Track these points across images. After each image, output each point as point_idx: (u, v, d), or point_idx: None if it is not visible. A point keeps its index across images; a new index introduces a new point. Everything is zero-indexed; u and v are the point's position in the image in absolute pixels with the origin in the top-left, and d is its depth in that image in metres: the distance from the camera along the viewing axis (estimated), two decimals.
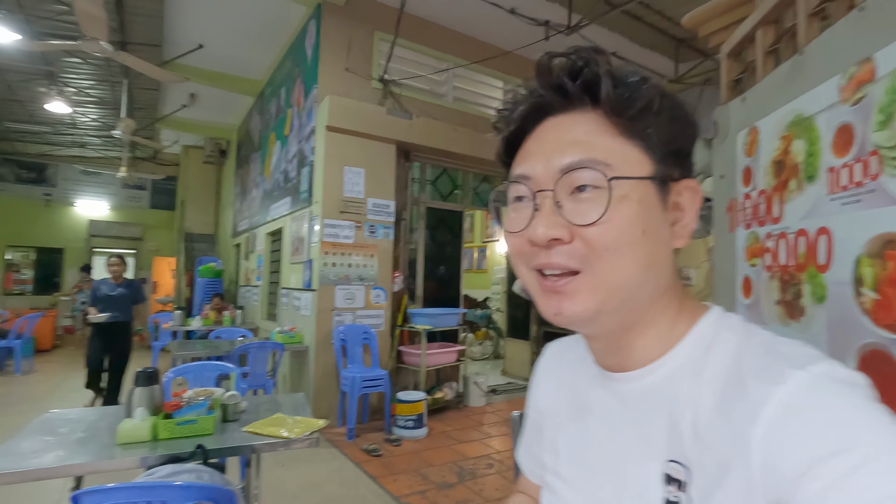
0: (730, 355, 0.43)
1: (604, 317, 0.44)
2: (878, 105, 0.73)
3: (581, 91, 0.44)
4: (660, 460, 0.44)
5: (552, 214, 0.43)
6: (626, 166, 0.43)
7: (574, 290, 0.43)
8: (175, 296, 9.13)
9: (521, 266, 0.48)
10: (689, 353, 0.46)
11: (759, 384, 0.38)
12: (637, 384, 0.48)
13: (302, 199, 4.83)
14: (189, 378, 2.74)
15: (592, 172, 0.42)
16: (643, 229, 0.43)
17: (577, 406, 0.55)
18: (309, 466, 3.28)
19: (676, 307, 0.48)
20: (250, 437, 1.71)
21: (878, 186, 0.72)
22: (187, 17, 5.11)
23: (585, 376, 0.55)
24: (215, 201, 9.83)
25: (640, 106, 0.43)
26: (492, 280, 8.79)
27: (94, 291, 4.61)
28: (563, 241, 0.43)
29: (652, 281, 0.45)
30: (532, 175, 0.45)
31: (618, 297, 0.43)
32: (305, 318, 4.51)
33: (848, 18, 0.81)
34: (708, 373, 0.43)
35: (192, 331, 5.71)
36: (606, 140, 0.44)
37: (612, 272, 0.42)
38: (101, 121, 7.69)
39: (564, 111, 0.46)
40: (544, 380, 0.64)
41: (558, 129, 0.46)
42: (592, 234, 0.42)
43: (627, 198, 0.42)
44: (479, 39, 5.39)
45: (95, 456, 1.53)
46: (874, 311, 0.73)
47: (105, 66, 5.71)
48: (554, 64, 0.46)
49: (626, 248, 0.42)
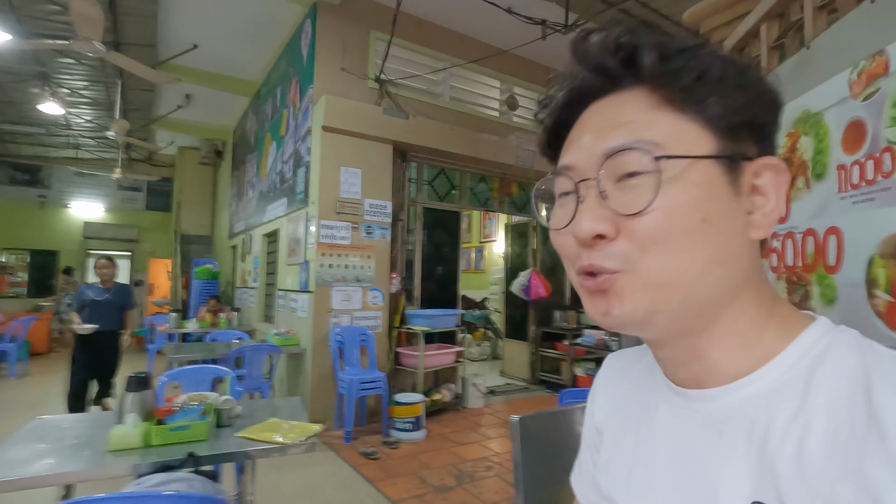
0: (850, 380, 0.34)
1: (662, 318, 0.38)
2: (891, 99, 0.70)
3: (623, 67, 0.39)
4: (743, 499, 0.36)
5: (597, 206, 0.38)
6: (680, 144, 0.37)
7: (620, 288, 0.38)
8: (171, 298, 9.07)
9: (568, 268, 0.43)
10: (790, 372, 0.38)
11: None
12: (717, 404, 0.40)
13: (298, 199, 4.79)
14: (184, 382, 2.70)
15: (639, 154, 0.37)
16: (703, 217, 0.37)
17: (642, 426, 0.48)
18: (306, 470, 3.25)
19: (764, 312, 0.40)
20: (245, 443, 1.67)
21: (893, 184, 0.70)
22: (181, 18, 5.07)
23: (652, 392, 0.49)
24: (211, 203, 9.78)
25: (693, 74, 0.38)
26: (489, 280, 8.77)
27: (80, 297, 4.11)
28: (609, 238, 0.38)
29: (721, 278, 0.38)
30: (574, 164, 0.41)
31: (676, 296, 0.37)
32: (302, 320, 4.47)
33: (859, 10, 0.78)
34: (818, 400, 0.35)
35: (188, 333, 5.66)
36: (656, 116, 0.38)
37: (661, 269, 0.37)
38: (95, 122, 7.63)
39: (609, 93, 0.41)
40: (604, 394, 0.57)
41: (603, 112, 0.41)
42: (639, 224, 0.37)
43: (680, 180, 0.37)
44: (476, 39, 5.36)
45: (86, 464, 1.49)
46: (888, 313, 0.70)
47: (99, 66, 5.66)
48: (590, 41, 0.41)
49: (679, 240, 0.36)
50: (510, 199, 5.88)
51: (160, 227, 10.93)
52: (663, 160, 0.36)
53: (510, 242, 6.72)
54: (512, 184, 5.85)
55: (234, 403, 1.89)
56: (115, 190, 10.48)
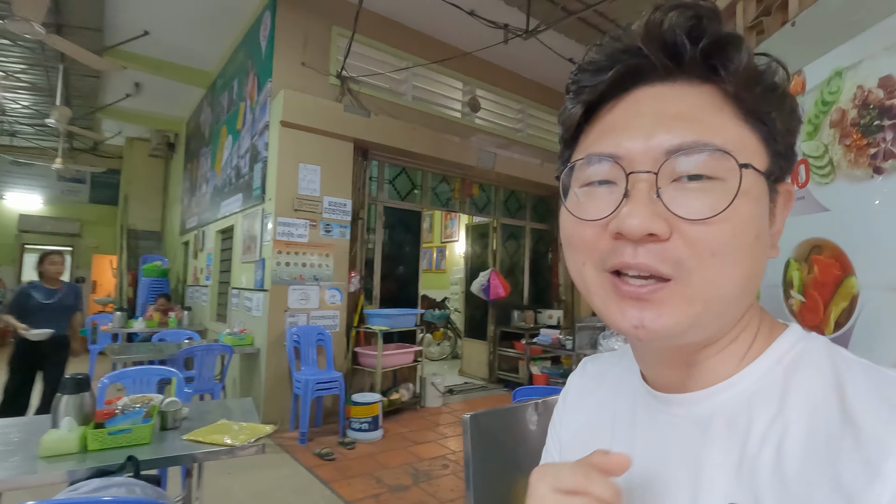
0: (822, 383, 0.35)
1: (694, 332, 0.37)
2: (806, 116, 0.76)
3: (702, 57, 0.36)
4: (719, 499, 0.36)
5: (651, 203, 0.35)
6: (746, 155, 0.35)
7: (662, 299, 0.35)
8: (116, 296, 8.62)
9: (586, 265, 0.39)
10: (767, 375, 0.38)
11: (877, 432, 0.31)
12: (698, 408, 0.40)
13: (254, 195, 4.66)
14: (128, 384, 2.58)
15: (715, 158, 0.35)
16: (757, 233, 0.36)
17: (618, 432, 0.47)
18: (259, 473, 3.17)
19: (757, 323, 0.41)
20: (191, 446, 1.62)
21: (807, 194, 0.76)
22: (132, 2, 4.83)
23: (630, 397, 0.47)
24: (162, 196, 9.36)
25: (767, 84, 0.36)
26: (450, 280, 8.81)
27: (23, 299, 3.62)
28: (660, 238, 0.35)
29: (750, 294, 0.38)
30: (625, 154, 0.36)
31: (714, 310, 0.36)
32: (257, 319, 4.36)
33: (780, 33, 0.85)
34: (795, 403, 0.36)
35: (134, 333, 5.40)
36: (724, 120, 0.36)
37: (713, 282, 0.35)
38: (33, 108, 7.16)
39: (666, 80, 0.38)
40: (581, 401, 0.55)
41: (661, 101, 0.37)
42: (701, 233, 0.34)
43: (748, 194, 0.35)
44: (440, 40, 5.38)
45: (14, 471, 1.41)
46: (801, 312, 0.76)
47: (39, 49, 5.31)
48: (669, 20, 0.36)
49: (735, 254, 0.35)
50: (471, 199, 5.94)
51: (105, 221, 10.36)
52: (747, 169, 0.35)
53: (471, 243, 6.79)
54: (473, 185, 5.91)
55: (179, 405, 1.82)
56: (56, 181, 9.86)
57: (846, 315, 0.68)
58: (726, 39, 0.36)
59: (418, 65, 5.14)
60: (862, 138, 0.66)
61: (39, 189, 9.85)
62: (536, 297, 6.57)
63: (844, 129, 0.69)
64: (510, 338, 5.99)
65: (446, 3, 4.29)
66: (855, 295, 0.67)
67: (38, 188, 9.84)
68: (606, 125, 0.39)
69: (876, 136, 0.64)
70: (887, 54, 0.63)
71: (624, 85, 0.39)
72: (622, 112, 0.39)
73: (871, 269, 0.65)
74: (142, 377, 2.60)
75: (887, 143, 0.62)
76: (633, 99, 0.38)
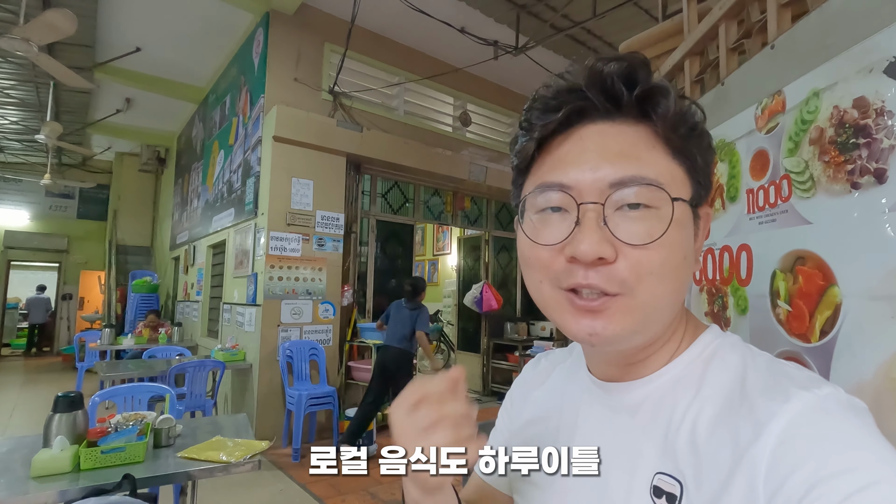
0: (731, 372, 0.42)
1: (637, 337, 0.43)
2: (787, 133, 0.80)
3: (637, 102, 0.42)
4: (649, 472, 0.42)
5: (599, 230, 0.40)
6: (676, 187, 0.42)
7: (611, 311, 0.41)
8: (104, 312, 8.50)
9: (543, 283, 0.44)
10: (688, 367, 0.45)
11: (765, 402, 0.37)
12: (633, 394, 0.47)
13: (247, 210, 4.66)
14: (118, 402, 2.55)
15: (651, 190, 0.40)
16: (684, 254, 0.42)
17: (567, 415, 0.53)
18: (251, 491, 3.13)
19: (684, 325, 0.48)
20: (186, 464, 1.61)
21: (790, 207, 0.79)
22: (124, 19, 4.86)
23: (577, 386, 0.54)
24: (152, 212, 9.30)
25: (690, 125, 0.42)
26: (443, 293, 8.81)
27: None
28: (607, 261, 0.40)
29: (679, 303, 0.45)
30: (575, 185, 0.42)
31: (652, 319, 0.42)
32: (249, 335, 4.33)
33: (762, 54, 0.89)
34: (707, 388, 0.42)
35: (122, 350, 5.32)
36: (656, 156, 0.42)
37: (651, 295, 0.41)
38: (22, 123, 7.11)
39: (607, 119, 0.43)
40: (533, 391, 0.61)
41: (604, 137, 0.43)
42: (641, 256, 0.40)
43: (678, 221, 0.41)
44: (431, 56, 5.47)
45: (5, 491, 1.38)
46: (787, 321, 0.79)
47: (29, 65, 5.30)
48: (609, 69, 0.43)
49: (669, 273, 0.41)
50: (463, 212, 5.98)
51: (94, 236, 10.24)
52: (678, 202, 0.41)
53: (463, 255, 6.81)
54: (465, 198, 5.96)
55: (173, 422, 1.81)
56: (44, 196, 9.74)
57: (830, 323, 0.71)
58: (656, 89, 0.42)
59: (410, 80, 5.21)
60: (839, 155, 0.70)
61: (26, 205, 9.73)
62: (529, 308, 6.59)
63: (823, 146, 0.73)
64: (504, 350, 6.00)
65: (437, 20, 4.37)
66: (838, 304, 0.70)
67: (26, 204, 9.72)
68: (557, 158, 0.44)
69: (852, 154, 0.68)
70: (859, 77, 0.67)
71: (571, 121, 0.44)
72: (571, 147, 0.44)
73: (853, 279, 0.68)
74: (133, 394, 2.57)
75: (863, 160, 0.66)
76: (580, 135, 0.44)
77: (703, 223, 0.47)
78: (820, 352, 0.72)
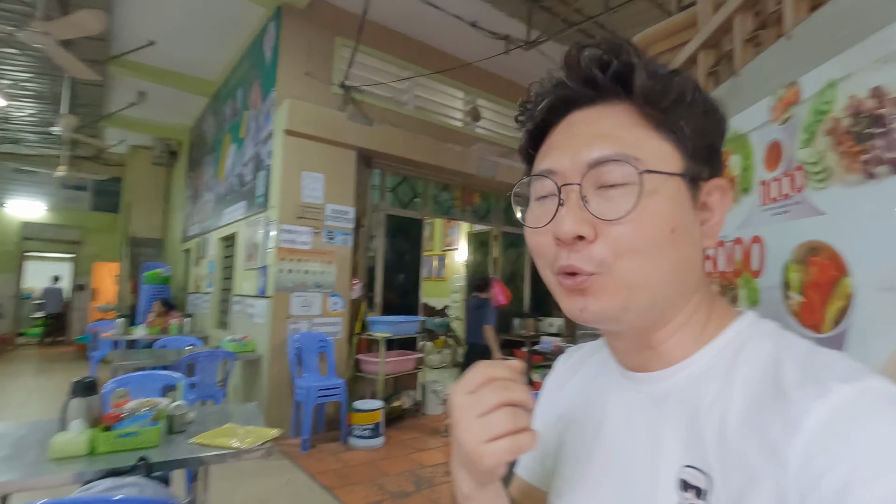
0: (764, 362, 0.40)
1: (631, 315, 0.43)
2: (802, 125, 0.80)
3: (612, 83, 0.43)
4: (676, 465, 0.41)
5: (578, 209, 0.41)
6: (657, 161, 0.41)
7: (597, 288, 0.41)
8: (117, 303, 8.63)
9: (544, 268, 0.46)
10: (718, 355, 0.44)
11: (801, 395, 0.36)
12: (659, 385, 0.46)
13: (258, 203, 4.70)
14: (132, 389, 2.57)
15: (622, 167, 0.41)
16: (672, 227, 0.41)
17: (595, 408, 0.53)
18: (260, 479, 3.17)
19: (707, 308, 0.46)
20: (198, 449, 1.64)
21: (803, 199, 0.79)
22: (138, 12, 4.91)
23: (606, 378, 0.53)
24: (164, 204, 9.40)
25: (672, 97, 0.42)
26: (451, 288, 8.83)
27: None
28: (588, 240, 0.41)
29: (681, 280, 0.43)
30: (558, 169, 0.43)
31: (644, 296, 0.42)
32: (259, 326, 4.37)
33: (777, 45, 0.89)
34: (739, 378, 0.41)
35: (135, 340, 5.41)
36: (637, 133, 0.42)
37: (633, 272, 0.41)
38: (38, 116, 7.21)
39: (592, 104, 0.44)
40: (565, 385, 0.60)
41: (586, 122, 0.44)
42: (619, 231, 0.40)
43: (657, 193, 0.41)
44: (441, 50, 5.46)
45: (24, 472, 1.42)
46: (800, 312, 0.79)
47: (45, 58, 5.37)
48: (583, 56, 0.43)
49: (652, 248, 0.40)
50: (472, 208, 5.98)
51: (107, 228, 10.38)
52: (645, 174, 0.40)
53: (472, 251, 6.82)
54: (474, 193, 5.96)
55: (186, 409, 1.84)
56: (59, 188, 9.89)
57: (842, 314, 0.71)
58: (628, 66, 0.42)
59: (420, 74, 5.21)
60: (855, 145, 0.70)
61: (42, 196, 9.89)
62: (537, 305, 6.59)
63: (838, 136, 0.72)
64: (511, 346, 5.99)
65: (449, 14, 4.36)
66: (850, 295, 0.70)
67: (41, 195, 9.88)
68: (547, 146, 0.46)
69: (868, 144, 0.67)
70: (876, 67, 0.66)
71: (560, 112, 0.46)
72: (560, 135, 0.45)
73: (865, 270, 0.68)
74: (146, 382, 2.61)
75: (878, 150, 0.66)
76: (569, 122, 0.45)
77: (719, 195, 0.45)
78: (831, 342, 0.72)
